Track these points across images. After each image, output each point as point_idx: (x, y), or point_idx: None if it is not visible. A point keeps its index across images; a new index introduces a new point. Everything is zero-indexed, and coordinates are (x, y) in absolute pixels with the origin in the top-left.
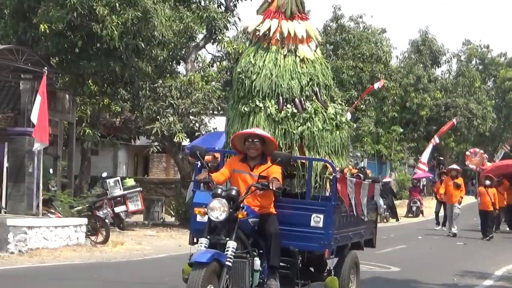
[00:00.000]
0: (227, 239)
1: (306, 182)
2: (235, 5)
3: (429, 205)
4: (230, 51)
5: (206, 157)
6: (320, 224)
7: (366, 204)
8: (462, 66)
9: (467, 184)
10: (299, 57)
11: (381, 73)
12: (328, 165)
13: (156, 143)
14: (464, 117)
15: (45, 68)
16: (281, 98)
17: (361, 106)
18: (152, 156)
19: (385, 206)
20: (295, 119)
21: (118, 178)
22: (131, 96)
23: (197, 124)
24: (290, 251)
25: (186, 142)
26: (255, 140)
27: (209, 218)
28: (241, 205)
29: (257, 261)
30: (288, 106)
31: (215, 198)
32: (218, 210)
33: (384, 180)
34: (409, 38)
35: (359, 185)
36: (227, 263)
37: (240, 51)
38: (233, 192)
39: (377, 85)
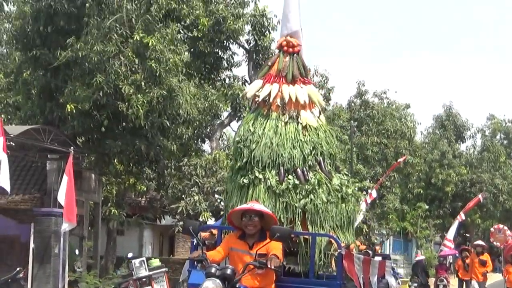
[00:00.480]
0: None
1: (309, 260)
2: None
3: (455, 283)
4: None
5: (203, 234)
6: None
7: (376, 283)
8: (487, 141)
9: (494, 261)
10: (301, 124)
11: (406, 149)
12: (332, 240)
13: (181, 223)
14: (490, 193)
15: (71, 147)
16: (282, 168)
17: (386, 182)
18: (177, 236)
19: (416, 284)
20: (297, 191)
21: (144, 258)
22: (156, 175)
23: (222, 203)
24: None
25: (211, 221)
26: (252, 216)
27: None
28: (237, 285)
29: None
30: (290, 177)
31: (208, 278)
32: None
33: (417, 258)
34: (433, 113)
35: (367, 262)
36: None
37: None
38: (228, 272)
39: (400, 160)
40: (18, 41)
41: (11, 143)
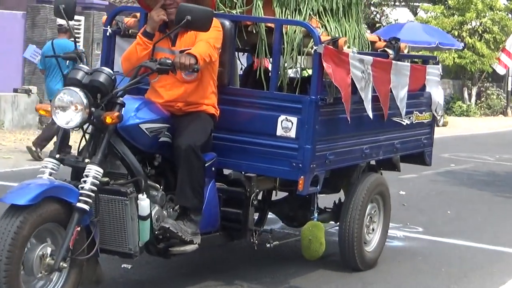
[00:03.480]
0: (88, 160)
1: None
2: None
3: None
4: None
5: (127, 20)
6: (292, 133)
7: (405, 98)
8: None
9: None
10: None
11: None
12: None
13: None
14: None
15: None
16: None
17: None
18: None
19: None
20: None
21: None
22: None
23: (378, 16)
24: (239, 179)
25: (367, 34)
26: None
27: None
28: (119, 100)
29: (144, 201)
30: None
31: (65, 88)
32: (68, 110)
33: None
34: None
35: (384, 67)
36: (79, 204)
37: None
38: (101, 78)
39: None
40: None
41: None
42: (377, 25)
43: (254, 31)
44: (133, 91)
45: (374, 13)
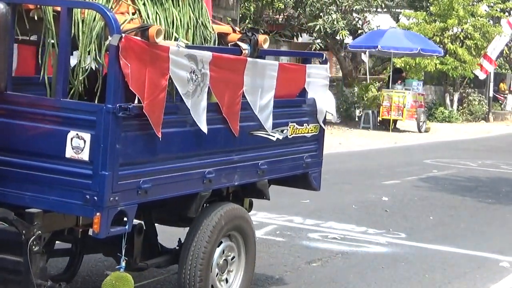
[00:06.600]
0: None
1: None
2: None
3: None
4: None
5: None
6: (84, 155)
7: (269, 106)
8: None
9: None
10: None
11: None
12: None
13: (318, 41)
14: None
15: None
16: None
17: None
18: None
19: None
20: None
21: None
22: None
23: (360, 22)
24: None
25: (348, 40)
26: None
27: None
28: None
29: None
30: None
31: None
32: None
33: None
34: None
35: (234, 66)
36: None
37: None
38: None
39: None
40: None
41: None
42: (359, 31)
43: (36, 18)
44: None
45: (356, 19)
